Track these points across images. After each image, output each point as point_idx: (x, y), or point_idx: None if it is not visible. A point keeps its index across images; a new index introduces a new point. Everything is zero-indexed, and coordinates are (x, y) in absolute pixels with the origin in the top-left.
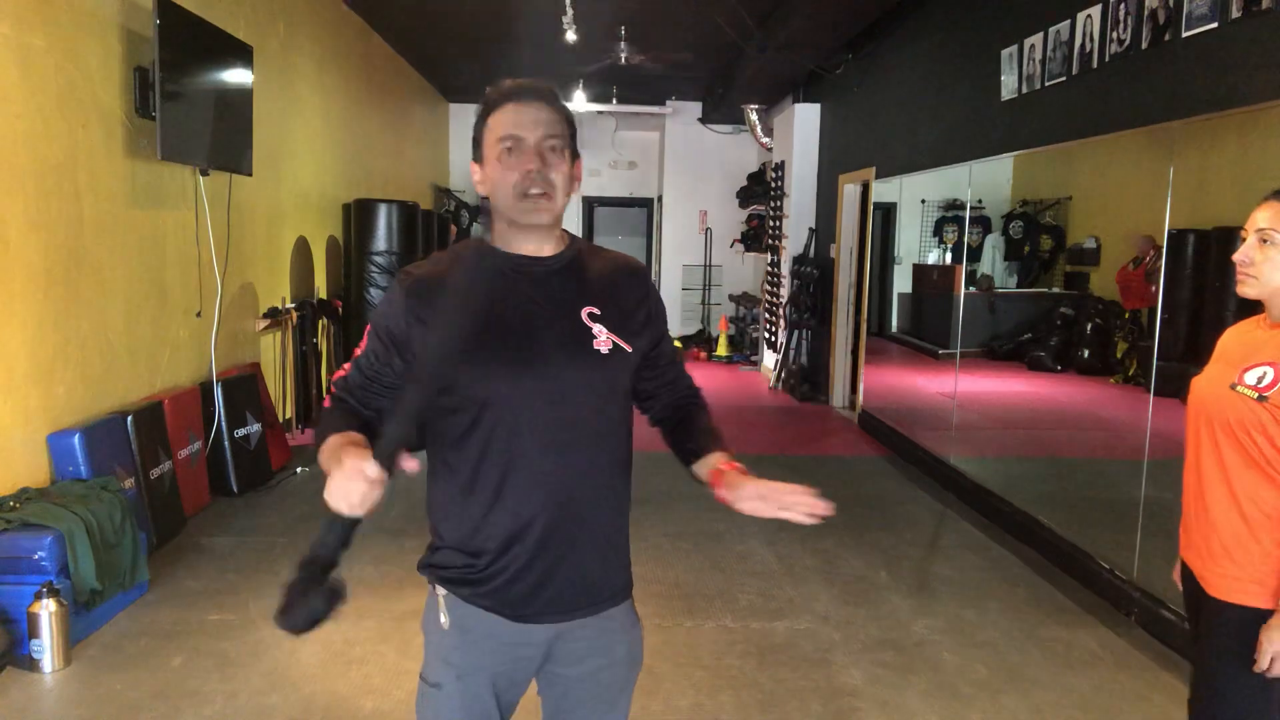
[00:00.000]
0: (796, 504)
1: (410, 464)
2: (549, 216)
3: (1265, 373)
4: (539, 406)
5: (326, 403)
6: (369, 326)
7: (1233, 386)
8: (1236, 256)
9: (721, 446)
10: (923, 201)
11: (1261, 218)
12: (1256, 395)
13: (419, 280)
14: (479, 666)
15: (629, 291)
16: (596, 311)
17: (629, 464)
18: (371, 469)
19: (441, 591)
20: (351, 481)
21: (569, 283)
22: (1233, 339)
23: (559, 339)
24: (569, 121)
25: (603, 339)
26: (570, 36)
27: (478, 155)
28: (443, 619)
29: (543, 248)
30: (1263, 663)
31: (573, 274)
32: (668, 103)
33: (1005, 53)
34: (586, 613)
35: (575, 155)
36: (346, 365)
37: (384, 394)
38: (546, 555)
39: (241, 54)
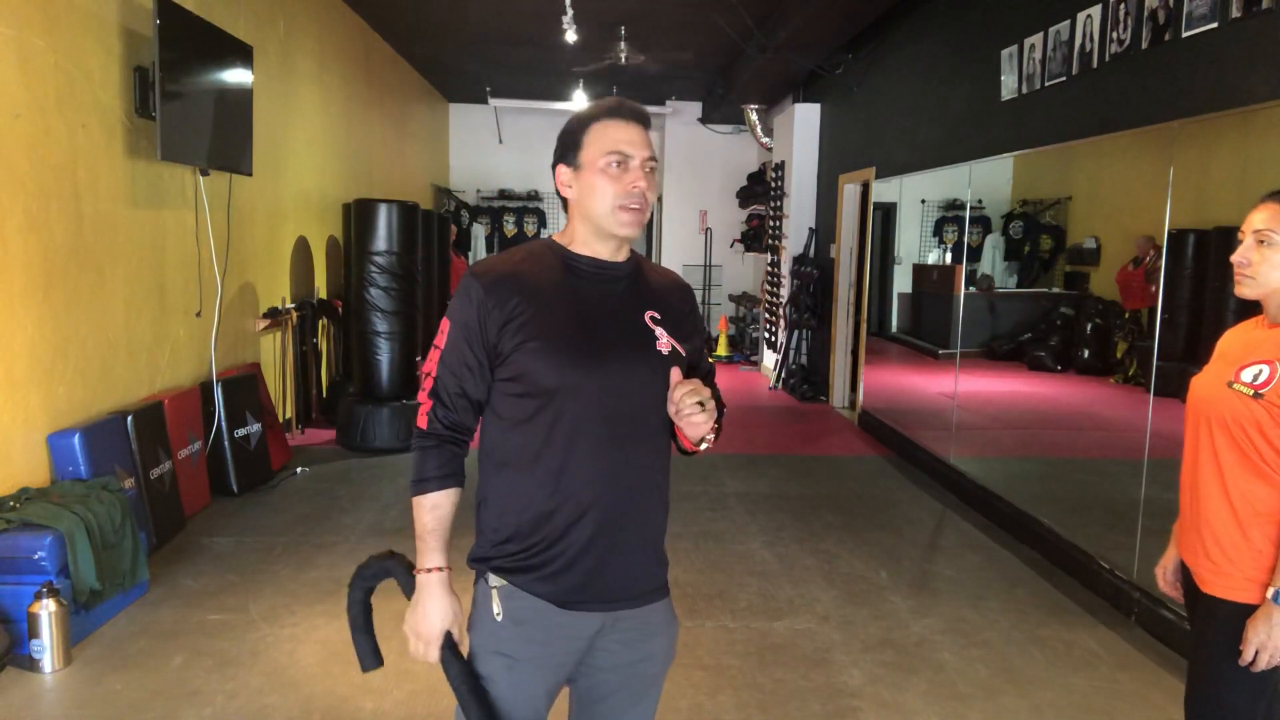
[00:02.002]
0: (684, 403)
1: None
2: (638, 230)
3: (1261, 370)
4: (605, 399)
5: (422, 422)
6: (445, 325)
7: (1229, 384)
8: (1234, 258)
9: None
10: (923, 201)
11: (1258, 219)
12: (1252, 393)
13: (497, 275)
14: (529, 655)
15: (681, 302)
16: (657, 315)
17: (669, 465)
18: (434, 655)
19: (497, 583)
20: (424, 647)
21: (634, 287)
22: (1232, 339)
23: (627, 337)
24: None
25: (664, 340)
26: (570, 36)
27: (571, 161)
28: (495, 610)
29: (616, 254)
30: (1247, 654)
31: (637, 280)
32: (668, 103)
33: (1005, 53)
34: (630, 605)
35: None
36: (428, 374)
37: (470, 397)
38: (600, 544)
39: (241, 54)
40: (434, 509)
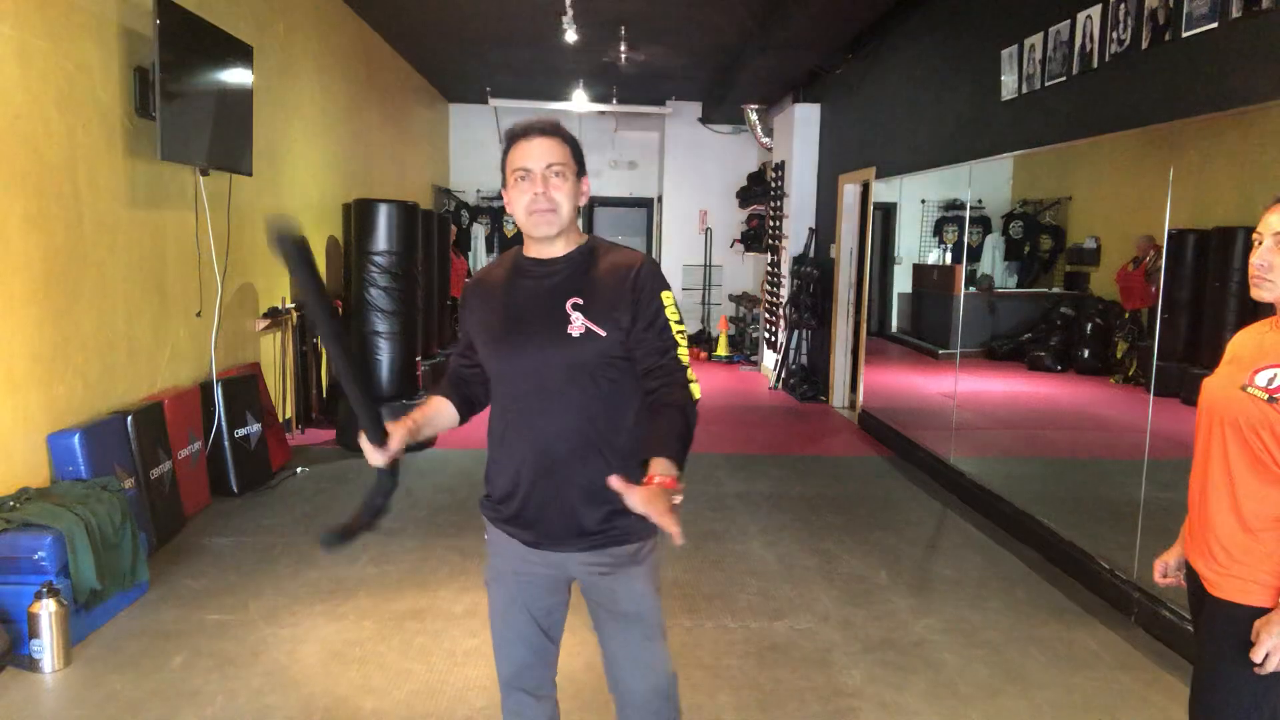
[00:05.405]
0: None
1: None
2: (551, 228)
3: (1276, 374)
4: (523, 378)
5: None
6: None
7: (1243, 388)
8: (1254, 260)
9: (665, 454)
10: (923, 201)
11: (1277, 220)
12: (1267, 397)
13: (473, 281)
14: (504, 572)
15: (616, 285)
16: (580, 302)
17: (620, 427)
18: (367, 448)
19: (484, 523)
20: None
21: (564, 278)
22: (1244, 341)
23: (541, 324)
24: (572, 148)
25: (577, 324)
26: (570, 36)
27: (504, 184)
28: (486, 535)
29: (551, 250)
30: (1257, 655)
31: (570, 271)
32: (668, 103)
33: (1005, 53)
34: (579, 546)
35: (580, 174)
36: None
37: (465, 369)
38: (536, 496)
39: (241, 54)
40: (427, 402)
